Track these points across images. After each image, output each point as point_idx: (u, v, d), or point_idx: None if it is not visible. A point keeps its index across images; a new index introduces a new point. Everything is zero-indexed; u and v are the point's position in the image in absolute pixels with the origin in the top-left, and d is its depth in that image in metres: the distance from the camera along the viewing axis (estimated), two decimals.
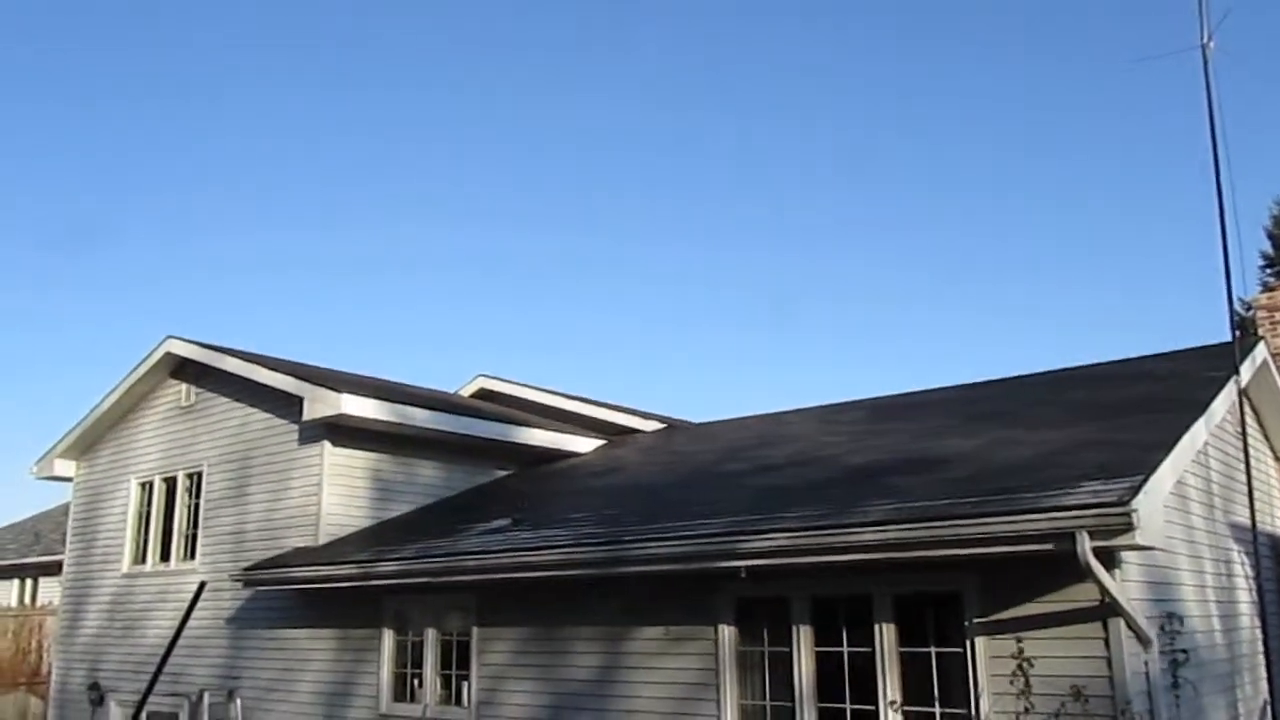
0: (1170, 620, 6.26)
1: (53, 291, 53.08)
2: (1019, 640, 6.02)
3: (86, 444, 14.59)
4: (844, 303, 51.65)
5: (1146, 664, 5.94)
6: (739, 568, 6.78)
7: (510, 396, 14.88)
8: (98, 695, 13.17)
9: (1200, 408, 7.31)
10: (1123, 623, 5.77)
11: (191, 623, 11.84)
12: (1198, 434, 7.03)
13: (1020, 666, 5.95)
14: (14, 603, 24.92)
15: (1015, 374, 11.25)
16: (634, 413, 14.35)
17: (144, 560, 13.32)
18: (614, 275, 51.82)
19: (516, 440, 12.55)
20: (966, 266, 47.22)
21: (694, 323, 53.53)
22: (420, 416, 11.55)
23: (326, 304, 55.34)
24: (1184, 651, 6.25)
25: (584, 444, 13.31)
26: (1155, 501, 5.67)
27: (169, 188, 44.80)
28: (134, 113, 41.74)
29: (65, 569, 14.73)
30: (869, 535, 6.16)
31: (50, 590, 22.27)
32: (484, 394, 15.22)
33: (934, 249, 47.48)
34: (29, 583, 25.87)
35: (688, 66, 41.82)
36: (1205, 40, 8.25)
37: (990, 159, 41.80)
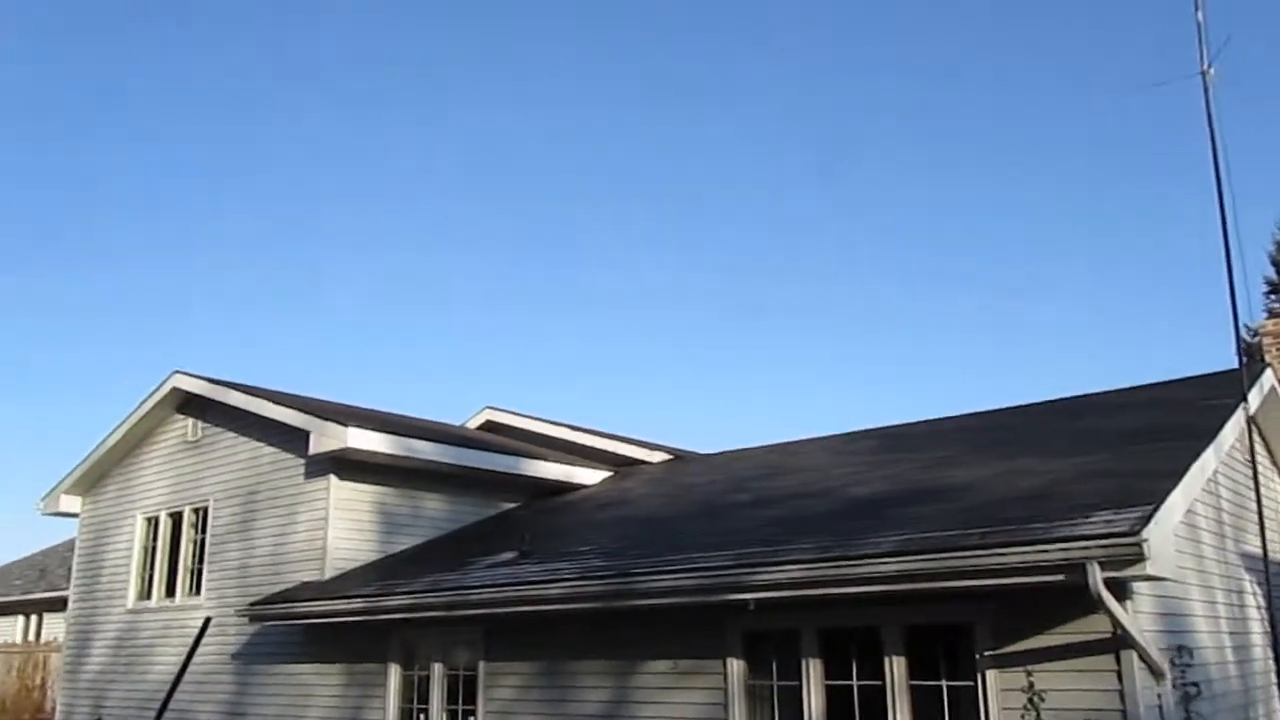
0: (1180, 653, 6.20)
1: (58, 324, 53.32)
2: (1030, 673, 5.96)
3: (92, 480, 14.60)
4: (848, 330, 51.69)
5: (1160, 697, 5.87)
6: (747, 600, 6.74)
7: (517, 429, 14.88)
8: None
9: (1209, 435, 7.27)
10: (1135, 655, 5.71)
11: (197, 658, 11.78)
12: (1207, 462, 6.99)
13: (1031, 700, 5.89)
14: (19, 638, 24.83)
15: (1021, 403, 11.24)
16: (641, 444, 14.33)
17: (149, 596, 13.28)
18: (618, 305, 51.94)
19: (523, 472, 12.53)
20: (969, 295, 47.26)
21: (699, 351, 53.57)
22: (426, 449, 11.55)
23: (332, 337, 55.49)
24: (1195, 685, 6.18)
25: (591, 475, 13.29)
26: (1166, 531, 5.63)
27: (173, 218, 45.10)
28: (132, 134, 42.12)
29: (70, 605, 14.69)
30: (878, 567, 6.12)
31: (55, 626, 22.21)
32: (490, 426, 15.22)
33: (937, 277, 47.54)
34: (34, 618, 25.80)
35: (693, 96, 42.14)
36: (1205, 67, 8.30)
37: (990, 186, 41.96)
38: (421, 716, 9.53)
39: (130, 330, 53.46)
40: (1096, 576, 5.35)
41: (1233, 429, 7.88)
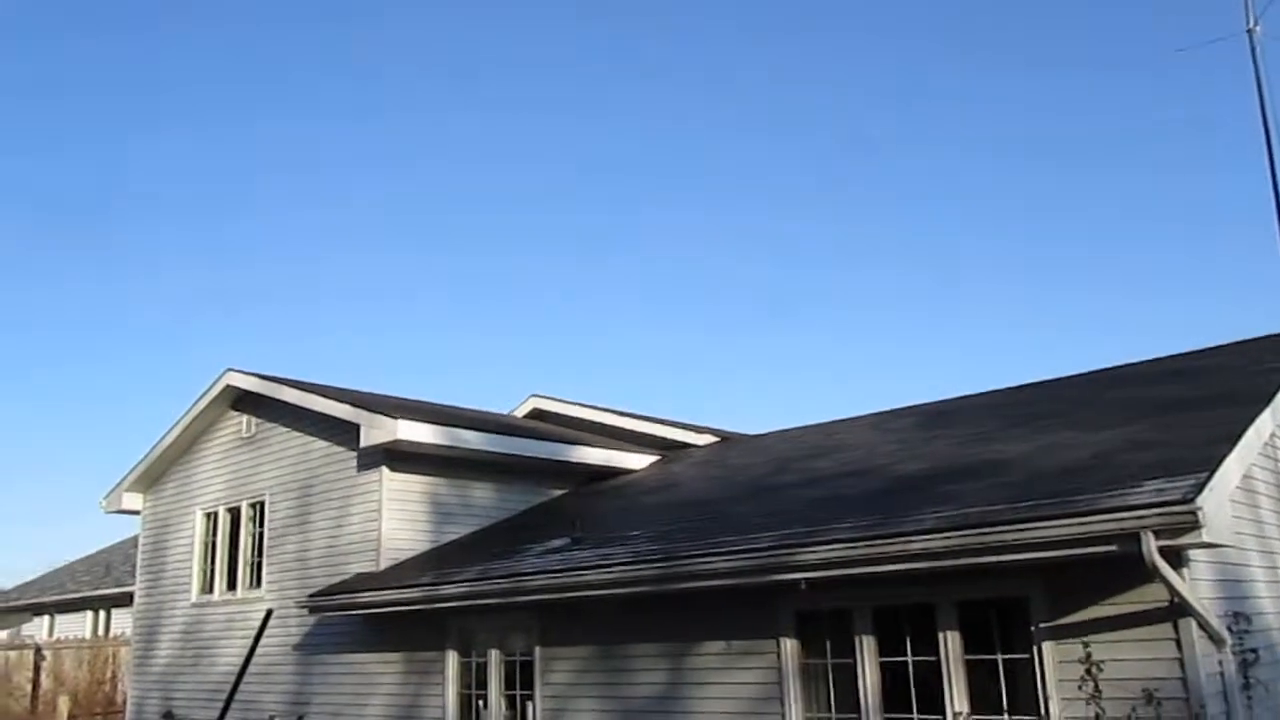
0: (1237, 620, 6.12)
1: (112, 327, 54.44)
2: (1087, 645, 5.93)
3: (152, 477, 14.95)
4: (882, 310, 51.23)
5: (1221, 664, 5.81)
6: (797, 580, 6.76)
7: (563, 415, 14.98)
8: None
9: (1266, 399, 7.15)
10: (1194, 623, 5.66)
11: (260, 650, 12.06)
12: (1263, 426, 6.87)
13: (1089, 671, 5.86)
14: (88, 634, 25.52)
15: (1064, 375, 11.08)
16: (687, 427, 14.37)
17: (211, 590, 13.60)
18: (664, 286, 51.94)
19: (571, 459, 12.63)
20: (1010, 270, 46.59)
21: (748, 332, 53.40)
22: (475, 439, 11.68)
23: (381, 329, 56.11)
24: (1253, 651, 6.11)
25: (638, 460, 13.35)
26: (1221, 498, 5.56)
27: (219, 216, 45.79)
28: (175, 135, 42.77)
29: (136, 600, 15.09)
30: (925, 543, 6.12)
31: (122, 621, 22.80)
32: (537, 414, 15.34)
33: (979, 257, 46.93)
34: (101, 614, 26.49)
35: (733, 84, 41.89)
36: (1252, 25, 8.14)
37: (1028, 165, 41.28)
38: (480, 702, 9.69)
39: (185, 329, 54.44)
40: (1151, 546, 5.30)
41: None
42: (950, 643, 6.59)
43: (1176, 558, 5.64)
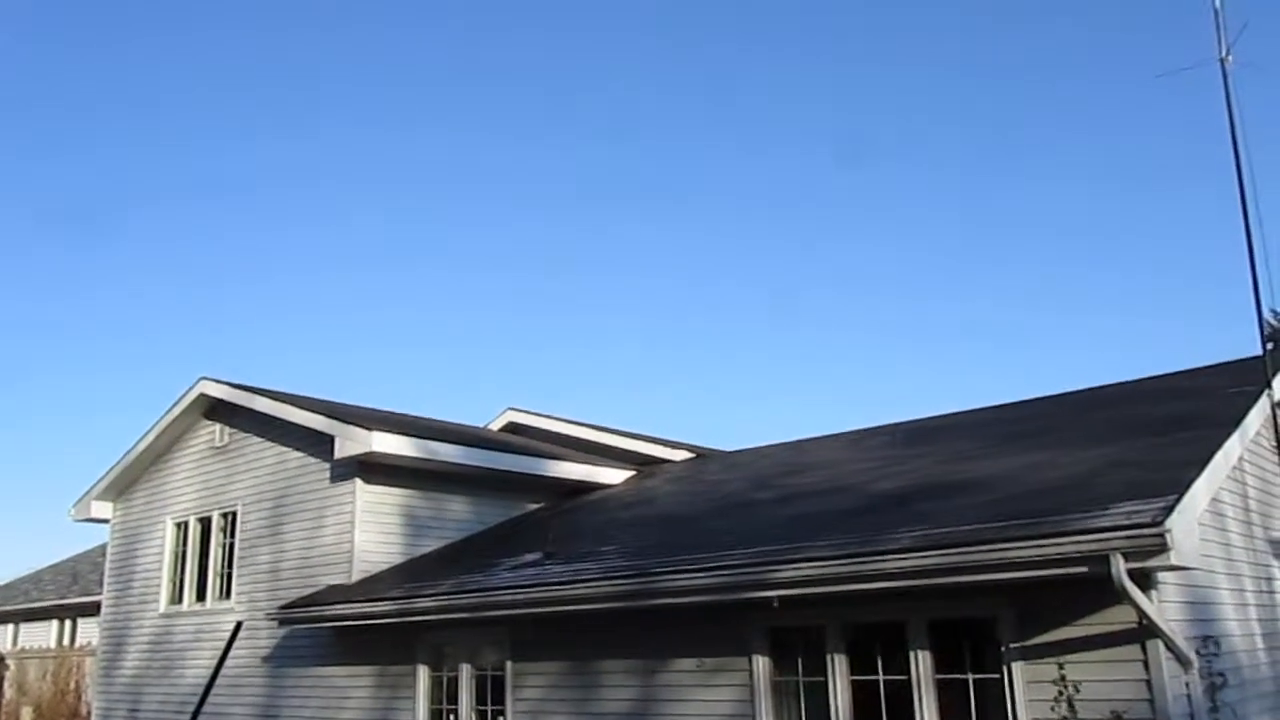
0: (1205, 643, 6.18)
1: (85, 333, 53.94)
2: (1061, 665, 5.96)
3: (122, 486, 14.79)
4: (867, 330, 51.54)
5: (1188, 686, 5.86)
6: (770, 598, 6.77)
7: (539, 429, 14.96)
8: None
9: (1233, 423, 7.23)
10: (1161, 645, 5.71)
11: (229, 662, 11.94)
12: (1231, 450, 6.96)
13: (1060, 691, 5.89)
14: (53, 643, 25.17)
15: (1042, 395, 11.19)
16: (663, 442, 14.38)
17: (180, 600, 13.45)
18: (642, 305, 52.00)
19: (546, 473, 12.61)
20: (987, 289, 46.99)
21: (722, 349, 53.53)
22: (450, 452, 11.64)
23: (357, 342, 55.87)
24: (1222, 674, 6.16)
25: (614, 475, 13.34)
26: (1189, 521, 5.62)
27: (196, 232, 45.52)
28: (158, 149, 42.52)
29: (103, 609, 14.90)
30: (900, 562, 6.14)
31: (89, 631, 22.52)
32: (513, 427, 15.31)
33: (950, 274, 47.30)
34: (68, 623, 26.15)
35: (695, 103, 42.11)
36: (1224, 54, 8.27)
37: (1005, 179, 41.67)
38: (451, 717, 9.62)
39: (158, 339, 54.02)
40: (1120, 568, 5.35)
41: (1257, 416, 7.83)
42: (921, 662, 6.61)
43: (1145, 580, 5.68)
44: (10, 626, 27.79)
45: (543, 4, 39.63)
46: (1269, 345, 8.46)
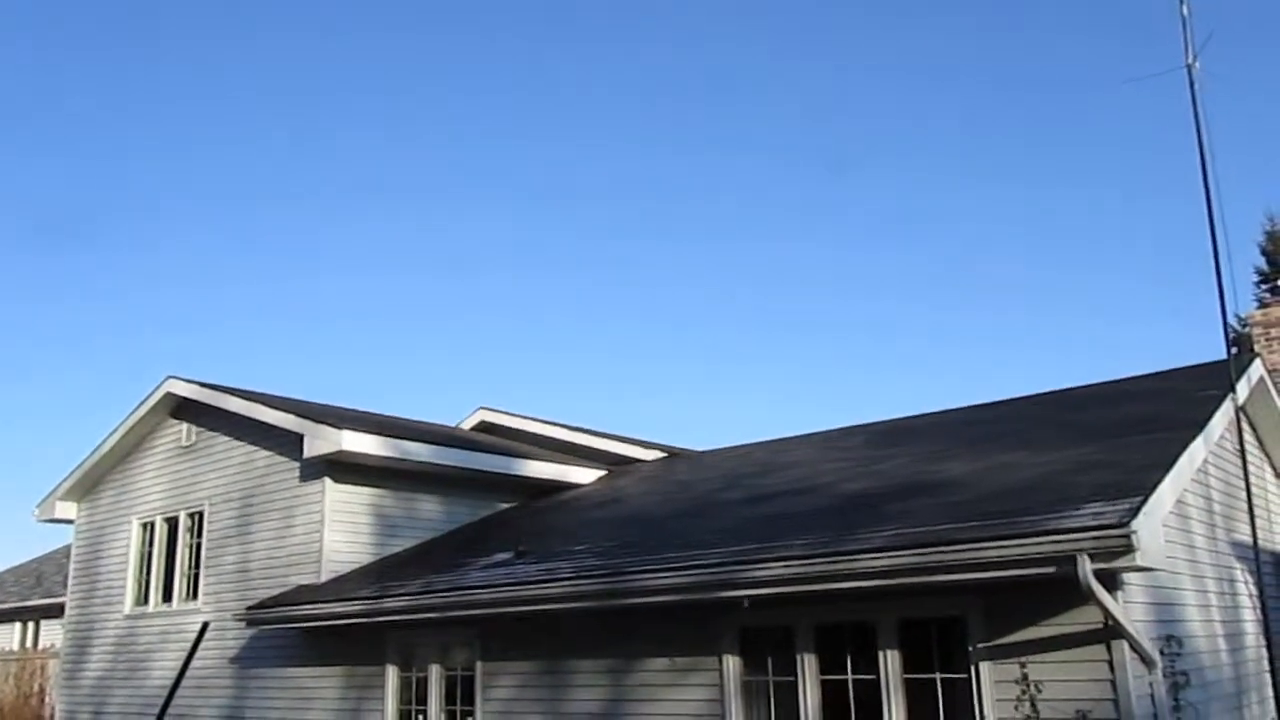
0: (1170, 643, 6.25)
1: (51, 333, 53.19)
2: (1024, 665, 6.01)
3: (88, 486, 14.59)
4: (842, 330, 51.78)
5: (1152, 686, 5.92)
6: (742, 597, 6.78)
7: (511, 429, 14.91)
8: None
9: (1198, 426, 7.33)
10: (1126, 645, 5.76)
11: (196, 663, 11.80)
12: (1196, 453, 7.04)
13: (1025, 691, 5.94)
14: (16, 646, 24.81)
15: (1013, 396, 11.29)
16: (635, 442, 14.37)
17: (146, 601, 13.29)
18: (611, 303, 51.98)
19: (518, 473, 12.56)
20: (956, 292, 47.36)
21: (695, 349, 53.61)
22: (421, 451, 11.57)
23: (328, 342, 55.44)
24: (1185, 674, 6.23)
25: (585, 474, 13.32)
26: (1155, 522, 5.68)
27: (168, 235, 45.02)
28: (134, 151, 42.04)
29: (67, 611, 14.69)
30: (870, 562, 6.16)
31: (52, 633, 22.20)
32: (485, 426, 15.25)
33: (922, 276, 47.63)
34: (31, 625, 25.77)
35: (680, 106, 42.16)
36: (1190, 60, 8.36)
37: (974, 183, 41.99)
38: (420, 717, 9.56)
39: (126, 337, 53.37)
40: (1086, 568, 5.40)
41: (1222, 419, 7.93)
42: (890, 661, 6.64)
43: (1111, 580, 5.74)
44: None
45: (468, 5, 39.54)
46: (1233, 349, 8.56)
